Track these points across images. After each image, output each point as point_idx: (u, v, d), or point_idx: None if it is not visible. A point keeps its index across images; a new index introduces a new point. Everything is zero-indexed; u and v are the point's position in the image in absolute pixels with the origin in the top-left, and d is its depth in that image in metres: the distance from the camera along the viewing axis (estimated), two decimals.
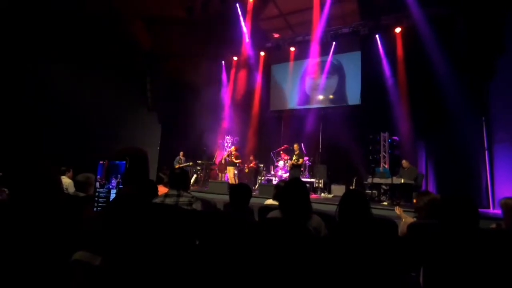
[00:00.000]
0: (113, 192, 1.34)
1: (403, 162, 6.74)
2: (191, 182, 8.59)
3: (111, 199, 1.32)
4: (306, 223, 1.90)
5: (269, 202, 3.38)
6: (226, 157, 8.95)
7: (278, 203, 2.18)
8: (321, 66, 9.99)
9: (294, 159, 7.58)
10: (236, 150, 8.67)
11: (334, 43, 9.44)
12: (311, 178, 8.31)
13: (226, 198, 3.02)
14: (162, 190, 2.76)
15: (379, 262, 1.49)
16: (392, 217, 2.45)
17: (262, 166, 9.38)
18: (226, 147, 10.05)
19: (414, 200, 4.20)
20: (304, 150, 8.08)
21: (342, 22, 8.96)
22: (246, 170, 9.32)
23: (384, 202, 6.36)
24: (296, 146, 7.66)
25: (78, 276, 0.98)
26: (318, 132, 9.81)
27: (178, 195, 2.50)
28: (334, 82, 9.89)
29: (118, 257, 1.02)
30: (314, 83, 10.22)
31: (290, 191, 1.99)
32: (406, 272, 1.75)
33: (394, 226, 1.98)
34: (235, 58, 10.84)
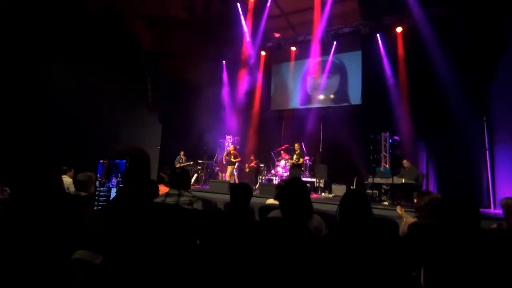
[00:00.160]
0: (113, 191, 1.34)
1: (404, 162, 6.74)
2: (192, 182, 8.59)
3: (111, 198, 1.33)
4: (307, 223, 1.90)
5: (270, 201, 3.39)
6: (226, 156, 8.96)
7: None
8: (322, 65, 9.98)
9: (294, 159, 7.58)
10: (234, 149, 8.67)
11: (335, 43, 9.43)
12: (312, 178, 8.31)
13: (227, 197, 3.02)
14: (163, 189, 2.76)
15: (380, 262, 1.49)
16: (393, 217, 2.45)
17: (263, 165, 9.38)
18: (226, 147, 10.05)
19: (415, 200, 4.19)
20: (304, 149, 8.06)
21: (343, 21, 8.95)
22: (247, 170, 9.32)
23: (384, 202, 6.35)
24: (296, 145, 7.66)
25: (78, 275, 0.98)
26: (319, 131, 9.81)
27: (179, 195, 2.51)
28: (335, 82, 9.88)
29: (119, 256, 1.02)
30: (315, 83, 10.22)
31: (291, 191, 1.98)
32: (407, 272, 1.75)
33: (395, 226, 1.98)
34: (236, 57, 10.84)
